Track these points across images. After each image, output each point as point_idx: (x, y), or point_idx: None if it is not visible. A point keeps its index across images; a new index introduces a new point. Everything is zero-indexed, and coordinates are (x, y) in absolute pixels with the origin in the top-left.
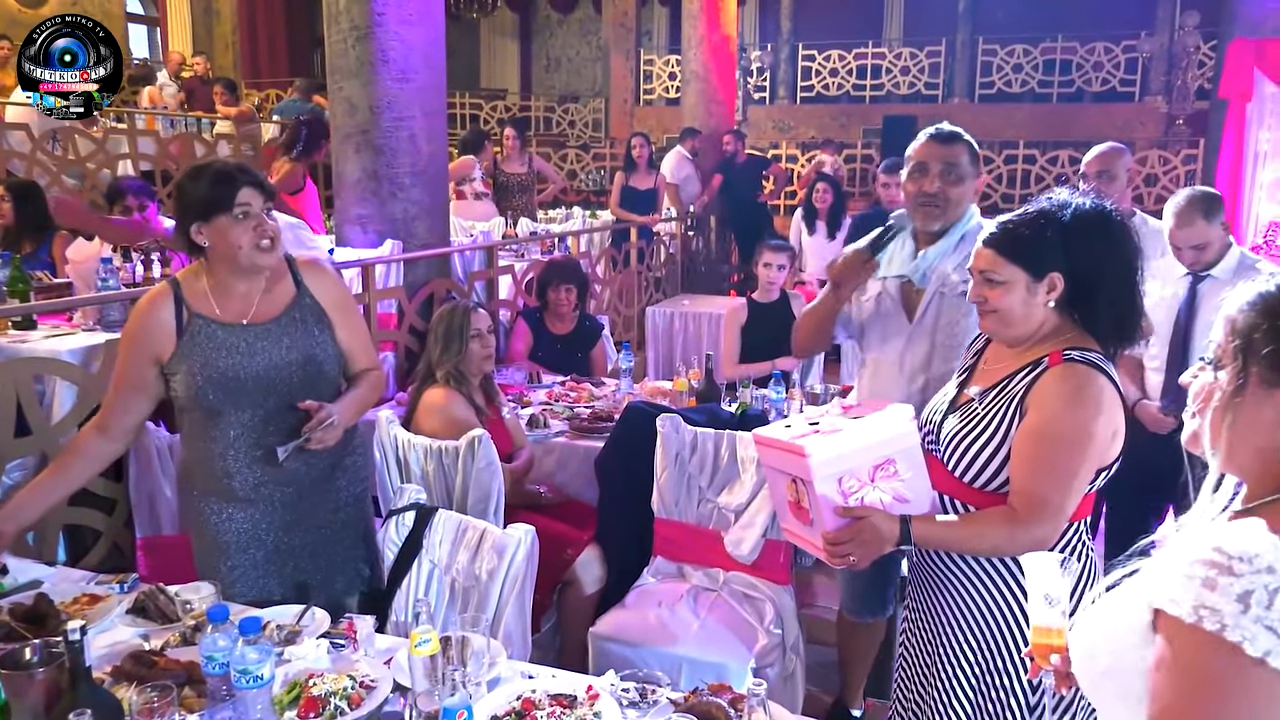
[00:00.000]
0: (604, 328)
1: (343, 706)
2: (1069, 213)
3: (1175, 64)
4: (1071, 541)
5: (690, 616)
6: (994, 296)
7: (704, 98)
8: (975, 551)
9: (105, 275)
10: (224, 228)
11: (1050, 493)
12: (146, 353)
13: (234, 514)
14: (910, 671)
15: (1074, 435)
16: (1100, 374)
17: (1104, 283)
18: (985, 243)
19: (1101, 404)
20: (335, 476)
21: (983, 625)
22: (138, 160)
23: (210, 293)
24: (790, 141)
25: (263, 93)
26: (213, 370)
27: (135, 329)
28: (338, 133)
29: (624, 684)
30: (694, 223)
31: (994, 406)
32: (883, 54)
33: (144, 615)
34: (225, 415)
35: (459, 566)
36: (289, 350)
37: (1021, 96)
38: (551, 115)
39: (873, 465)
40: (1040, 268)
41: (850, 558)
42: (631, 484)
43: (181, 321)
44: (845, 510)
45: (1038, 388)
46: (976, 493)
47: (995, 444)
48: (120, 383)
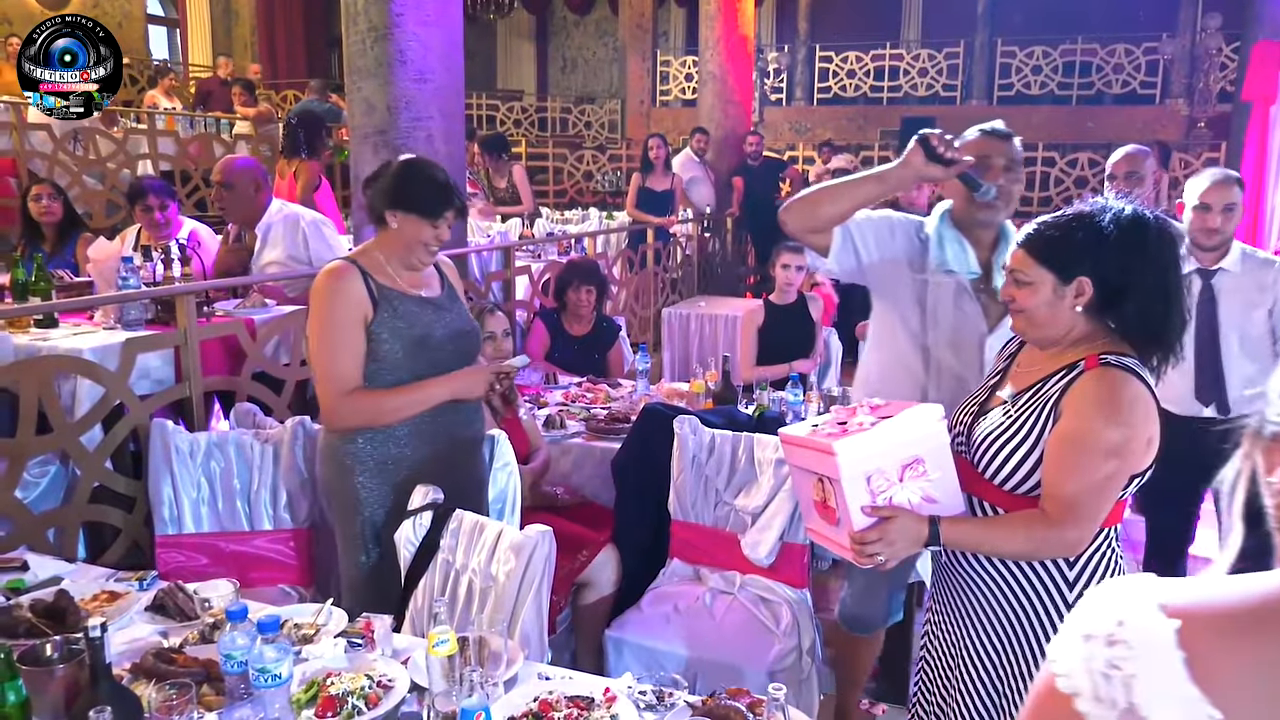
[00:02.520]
0: (621, 329)
1: (360, 706)
2: (1105, 218)
3: (1197, 66)
4: (1101, 548)
5: (706, 619)
6: (1021, 296)
7: (720, 99)
8: (1004, 554)
9: (126, 274)
10: (417, 225)
11: (1083, 497)
12: (357, 315)
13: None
14: (933, 676)
15: (1108, 441)
16: (1136, 379)
17: (1133, 291)
18: (1019, 242)
19: (1136, 410)
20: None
21: (1008, 629)
22: (157, 160)
23: (386, 265)
24: (807, 143)
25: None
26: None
27: (337, 299)
28: (356, 133)
29: (641, 687)
30: (710, 224)
31: (1027, 409)
32: (900, 55)
33: (163, 613)
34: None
35: (476, 567)
36: (459, 319)
37: (1041, 98)
38: (568, 116)
39: (901, 465)
40: (1068, 271)
41: (878, 557)
42: (648, 486)
43: (372, 292)
44: (874, 509)
45: (1073, 391)
46: (1007, 495)
47: (1028, 447)
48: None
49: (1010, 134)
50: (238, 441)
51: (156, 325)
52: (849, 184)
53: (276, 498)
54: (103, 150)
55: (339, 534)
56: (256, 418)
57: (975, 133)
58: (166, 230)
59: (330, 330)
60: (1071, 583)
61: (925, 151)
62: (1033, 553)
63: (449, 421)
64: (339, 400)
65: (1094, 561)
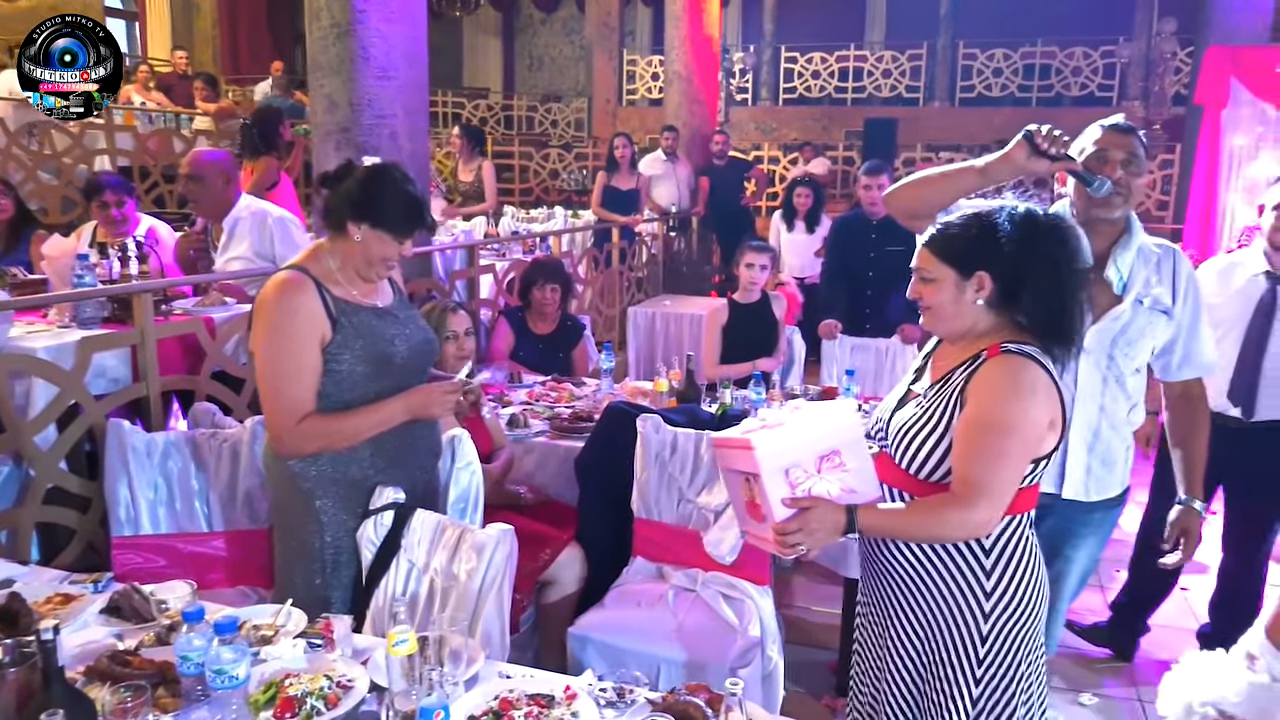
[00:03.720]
0: (585, 328)
1: (319, 706)
2: (1000, 216)
3: (1152, 69)
4: (1014, 534)
5: (669, 616)
6: (927, 293)
7: (686, 98)
8: (918, 538)
9: (81, 272)
10: (383, 243)
11: (987, 477)
12: (313, 334)
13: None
14: (864, 665)
15: (1009, 422)
16: (1036, 364)
17: (1028, 285)
18: (923, 241)
19: (1036, 392)
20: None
21: (928, 615)
22: (115, 156)
23: (338, 274)
24: (773, 143)
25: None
26: (369, 349)
27: (290, 316)
28: (318, 130)
29: (601, 684)
30: (676, 223)
31: (937, 400)
32: (864, 56)
33: (118, 615)
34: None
35: (437, 566)
36: (416, 330)
37: (1001, 100)
38: (534, 114)
39: (818, 456)
40: (967, 267)
41: (800, 547)
42: (611, 484)
43: (329, 306)
44: (793, 501)
45: (976, 378)
46: (922, 484)
47: (938, 435)
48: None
49: (1131, 128)
50: (196, 441)
51: (113, 324)
52: (950, 174)
53: (235, 498)
54: (58, 145)
55: (289, 554)
56: (215, 417)
57: (1096, 128)
58: (124, 227)
59: (282, 351)
60: (989, 571)
61: (1029, 146)
62: (944, 534)
63: (412, 438)
64: (291, 428)
65: (1010, 548)
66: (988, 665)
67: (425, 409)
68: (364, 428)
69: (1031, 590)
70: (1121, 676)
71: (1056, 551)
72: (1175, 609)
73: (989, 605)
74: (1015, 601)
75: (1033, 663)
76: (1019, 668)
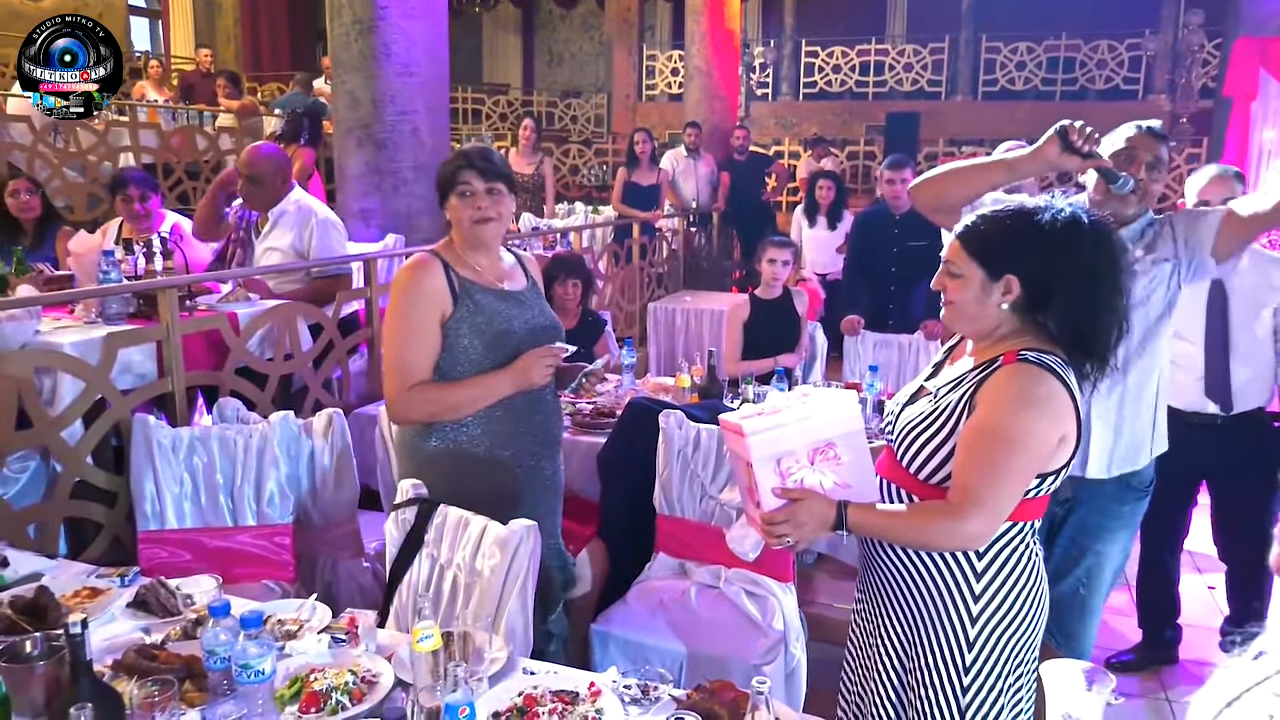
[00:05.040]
0: (607, 323)
1: (344, 701)
2: (1043, 217)
3: (1179, 62)
4: (1014, 542)
5: (692, 613)
6: (952, 288)
7: (707, 94)
8: (907, 542)
9: (107, 268)
10: (455, 206)
11: (985, 489)
12: (433, 309)
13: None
14: (854, 663)
15: (1016, 434)
16: (1053, 376)
17: (1060, 294)
18: (956, 233)
19: (1048, 406)
20: None
21: (918, 618)
22: (139, 153)
23: (462, 254)
24: (793, 138)
25: (265, 86)
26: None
27: (414, 292)
28: (339, 126)
29: (626, 681)
30: (696, 219)
31: (946, 400)
32: (886, 50)
33: (145, 609)
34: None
35: (461, 562)
36: (540, 315)
37: (1024, 94)
38: (554, 110)
39: (811, 448)
40: (997, 268)
41: (787, 539)
42: (633, 480)
43: (453, 285)
44: (783, 491)
45: (987, 385)
46: (922, 485)
47: (942, 438)
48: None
49: (1163, 135)
50: (221, 437)
51: (138, 319)
52: (978, 167)
53: (260, 493)
54: (83, 143)
55: None
56: (240, 412)
57: (1131, 127)
58: (148, 223)
59: (404, 323)
60: (979, 574)
61: (1062, 142)
62: (934, 543)
63: (527, 420)
64: (402, 393)
65: (1004, 555)
66: (974, 674)
67: (525, 375)
68: (470, 398)
69: (1025, 600)
70: (1149, 675)
71: (1087, 547)
72: (1202, 609)
73: (977, 610)
74: (1006, 610)
75: (1024, 674)
76: (1007, 679)
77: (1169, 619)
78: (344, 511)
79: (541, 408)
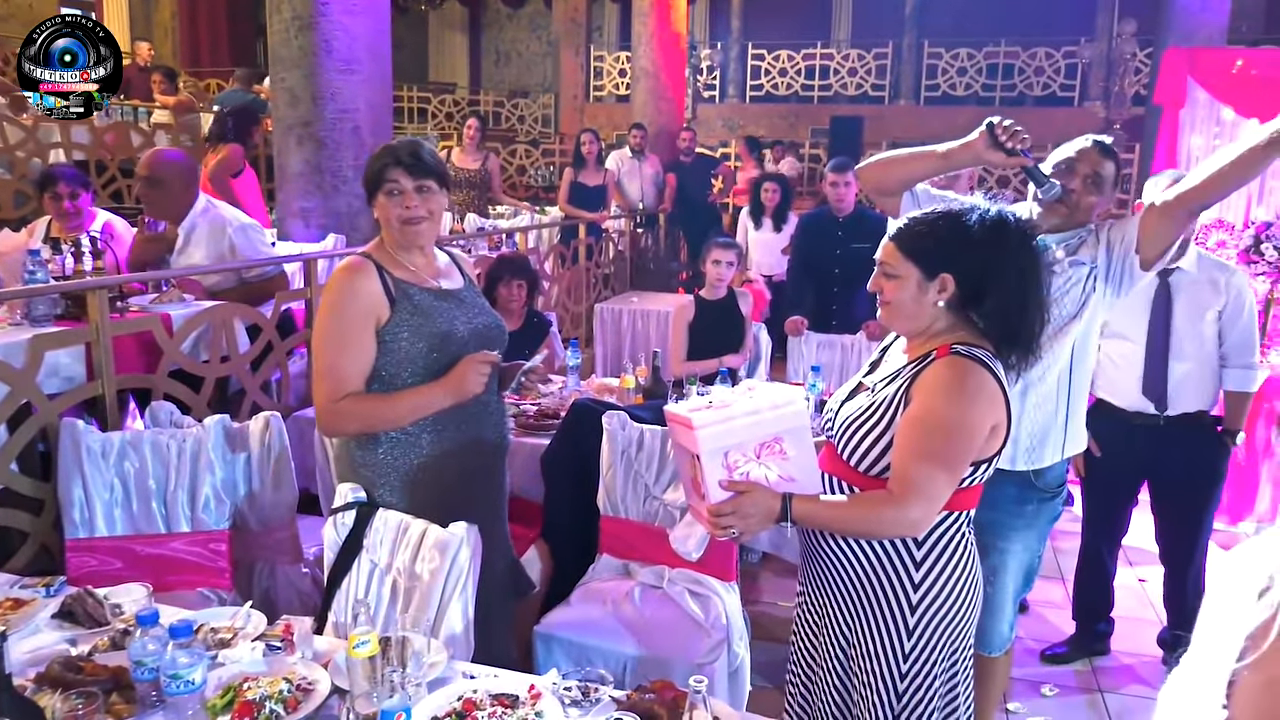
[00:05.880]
0: (552, 324)
1: (279, 710)
2: (971, 218)
3: (1113, 70)
4: (949, 531)
5: (636, 614)
6: (889, 289)
7: (653, 95)
8: (852, 532)
9: (33, 268)
10: (383, 204)
11: (924, 477)
12: (368, 315)
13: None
14: (800, 654)
15: (951, 423)
16: (983, 369)
17: (993, 290)
18: (889, 235)
19: (980, 396)
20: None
21: (858, 606)
22: (71, 149)
23: (395, 254)
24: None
25: (203, 82)
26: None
27: (347, 296)
28: (279, 124)
29: (566, 683)
30: (643, 220)
31: (884, 394)
32: (831, 55)
33: (71, 620)
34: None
35: (401, 566)
36: (482, 314)
37: (965, 99)
38: (501, 110)
39: (759, 442)
40: (932, 267)
41: (732, 530)
42: (577, 482)
43: (388, 287)
44: (730, 483)
45: (922, 377)
46: (862, 477)
47: (880, 430)
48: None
49: (1112, 151)
50: (153, 441)
51: (66, 321)
52: (916, 154)
53: (195, 499)
54: (11, 138)
55: None
56: (174, 416)
57: (1085, 140)
58: (78, 221)
59: (335, 330)
60: (919, 563)
61: (989, 137)
62: (878, 531)
63: (475, 428)
64: (332, 404)
65: (941, 545)
66: (913, 659)
67: (461, 384)
68: (403, 411)
69: (961, 589)
70: (1082, 667)
71: (990, 545)
72: (1134, 601)
73: (916, 598)
74: (943, 598)
75: (959, 660)
76: (943, 663)
77: (1103, 613)
78: (282, 516)
79: (489, 413)
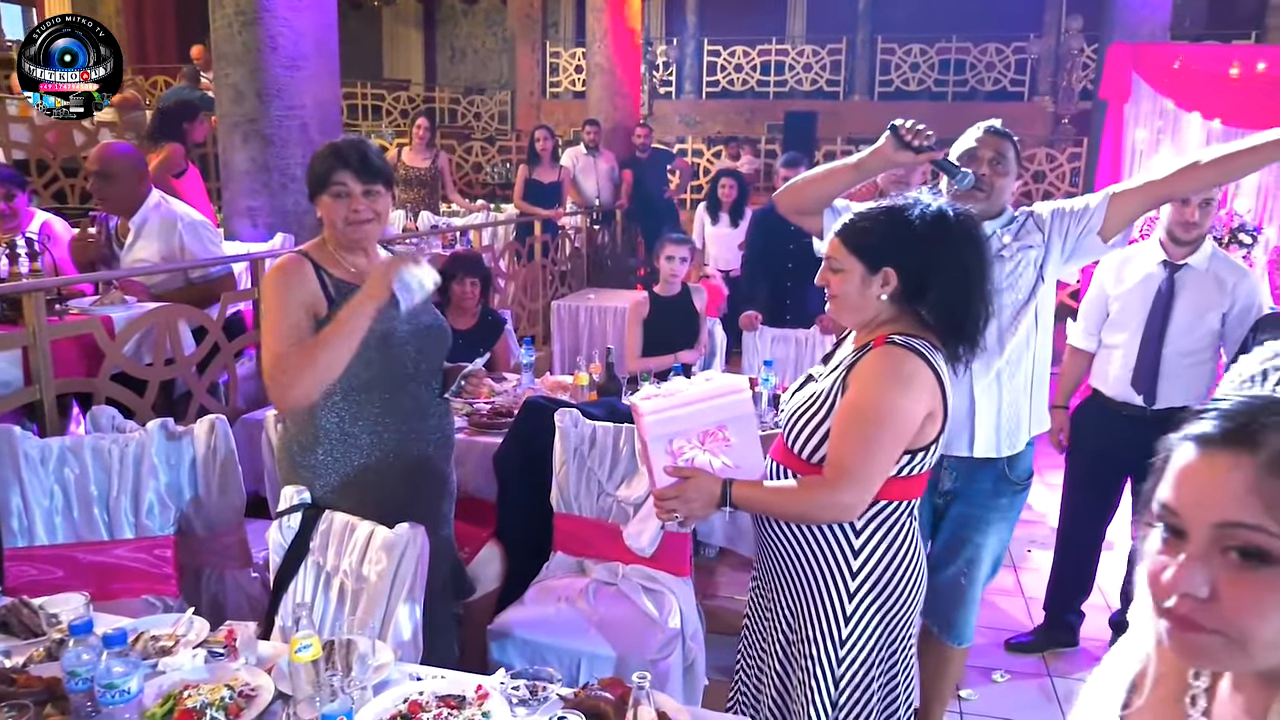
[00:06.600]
0: (507, 322)
1: (220, 718)
2: (913, 212)
3: (1061, 65)
4: (889, 519)
5: (590, 611)
6: (834, 282)
7: (609, 91)
8: (788, 515)
9: None
10: (328, 205)
11: (854, 462)
12: (305, 304)
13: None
14: (751, 639)
15: (883, 410)
16: (918, 357)
17: (934, 283)
18: (835, 231)
19: (912, 384)
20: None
21: (801, 592)
22: (10, 148)
23: (335, 254)
24: (696, 136)
25: (149, 80)
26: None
27: (284, 290)
28: (224, 121)
29: (514, 682)
30: (599, 217)
31: (825, 384)
32: (786, 51)
33: (6, 630)
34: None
35: (348, 568)
36: (423, 312)
37: (919, 94)
38: (457, 107)
39: (702, 430)
40: (875, 261)
41: (676, 515)
42: (530, 479)
43: (326, 286)
44: (674, 469)
45: (858, 366)
46: (804, 464)
47: (819, 418)
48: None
49: (1006, 133)
50: (94, 446)
51: (2, 325)
52: (830, 170)
53: (139, 504)
54: None
55: None
56: (116, 420)
57: (978, 128)
58: (14, 222)
59: (276, 318)
60: (857, 551)
61: (895, 139)
62: (813, 515)
63: (416, 428)
64: (274, 375)
65: (880, 534)
66: (850, 646)
67: (384, 277)
68: (336, 337)
69: (900, 580)
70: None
71: (967, 539)
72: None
73: (854, 585)
74: (882, 586)
75: (898, 649)
76: (882, 650)
77: (1076, 603)
78: (229, 520)
79: (432, 411)
